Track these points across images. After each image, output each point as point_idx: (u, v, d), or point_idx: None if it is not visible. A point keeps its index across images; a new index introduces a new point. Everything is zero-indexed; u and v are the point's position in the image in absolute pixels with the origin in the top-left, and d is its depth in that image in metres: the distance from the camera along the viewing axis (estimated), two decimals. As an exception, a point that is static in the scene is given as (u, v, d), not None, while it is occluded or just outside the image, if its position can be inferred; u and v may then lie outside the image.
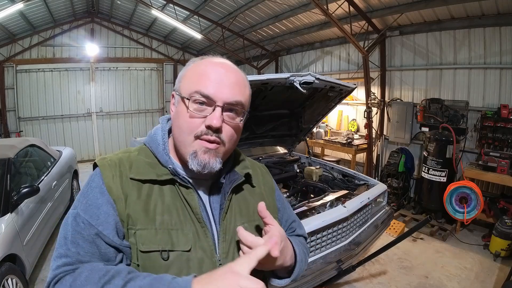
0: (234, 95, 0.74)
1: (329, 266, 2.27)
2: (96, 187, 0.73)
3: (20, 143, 3.63)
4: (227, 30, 7.23)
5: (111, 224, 0.69)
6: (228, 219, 0.79)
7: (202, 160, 0.72)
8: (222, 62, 0.78)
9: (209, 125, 0.71)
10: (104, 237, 0.68)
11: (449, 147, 4.11)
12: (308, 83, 2.53)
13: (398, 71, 5.42)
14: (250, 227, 0.81)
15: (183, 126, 0.74)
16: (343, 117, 6.71)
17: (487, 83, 4.31)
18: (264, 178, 0.94)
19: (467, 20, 4.35)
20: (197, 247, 0.73)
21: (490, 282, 3.10)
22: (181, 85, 0.76)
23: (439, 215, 4.25)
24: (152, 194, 0.74)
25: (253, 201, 0.85)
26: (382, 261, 3.46)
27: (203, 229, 0.75)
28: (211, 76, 0.73)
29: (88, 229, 0.68)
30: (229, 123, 0.74)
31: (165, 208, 0.73)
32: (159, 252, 0.70)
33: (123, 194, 0.72)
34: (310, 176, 3.33)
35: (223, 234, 0.77)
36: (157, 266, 0.69)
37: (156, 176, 0.75)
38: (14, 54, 7.83)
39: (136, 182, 0.74)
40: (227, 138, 0.74)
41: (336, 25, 4.51)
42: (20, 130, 8.12)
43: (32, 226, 2.88)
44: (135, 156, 0.79)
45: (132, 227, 0.71)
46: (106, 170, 0.74)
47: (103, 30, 9.20)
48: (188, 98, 0.72)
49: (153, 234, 0.71)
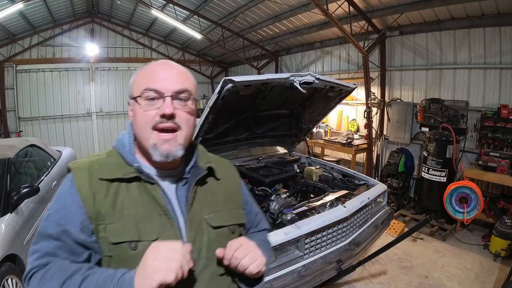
0: (179, 83, 0.82)
1: (329, 266, 2.27)
2: (66, 190, 0.81)
3: (20, 143, 3.63)
4: (227, 30, 7.23)
5: (77, 223, 0.77)
6: (194, 210, 0.86)
7: (164, 150, 0.80)
8: (164, 61, 0.87)
9: (163, 113, 0.79)
10: (70, 235, 0.76)
11: (449, 147, 4.11)
12: (308, 83, 2.53)
13: (398, 71, 5.42)
14: (216, 217, 0.89)
15: (140, 121, 0.81)
16: (343, 117, 6.71)
17: (487, 83, 4.31)
18: (228, 172, 1.01)
19: (467, 20, 4.35)
20: (164, 237, 0.79)
21: (490, 282, 3.10)
22: (132, 89, 0.85)
23: (439, 215, 4.25)
24: (120, 191, 0.81)
25: (218, 193, 0.93)
26: (382, 261, 3.46)
27: (170, 220, 0.81)
28: (156, 73, 0.82)
29: (57, 227, 0.76)
30: (182, 108, 0.82)
31: (132, 203, 0.80)
32: (128, 243, 0.76)
33: (91, 193, 0.79)
34: (310, 176, 3.33)
35: (189, 224, 0.84)
36: (127, 256, 0.76)
37: (122, 174, 0.82)
38: (14, 54, 7.84)
39: (105, 182, 0.81)
40: (183, 122, 0.82)
41: (336, 25, 4.51)
42: (20, 130, 8.12)
43: (32, 226, 2.88)
44: (104, 159, 0.87)
45: (102, 222, 0.78)
46: (77, 173, 0.82)
47: (103, 30, 9.20)
48: (140, 96, 0.81)
49: (122, 227, 0.77)
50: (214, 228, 0.87)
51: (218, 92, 2.25)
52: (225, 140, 3.13)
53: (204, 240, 0.85)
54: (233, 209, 0.95)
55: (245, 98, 2.56)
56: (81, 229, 0.77)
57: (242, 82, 2.21)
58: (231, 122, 2.89)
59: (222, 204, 0.92)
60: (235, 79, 2.17)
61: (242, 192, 1.03)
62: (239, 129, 3.11)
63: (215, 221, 0.88)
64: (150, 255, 0.68)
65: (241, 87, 2.27)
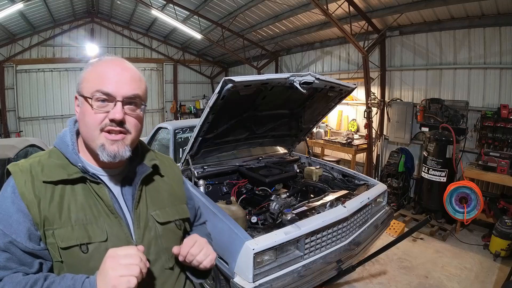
0: (132, 89, 0.81)
1: (329, 266, 2.27)
2: (8, 197, 0.76)
3: (20, 143, 3.62)
4: (227, 30, 7.23)
5: (23, 231, 0.74)
6: (140, 207, 0.87)
7: (112, 151, 0.79)
8: (118, 61, 0.84)
9: (113, 118, 0.78)
10: (18, 244, 0.73)
11: (449, 147, 4.11)
12: (308, 83, 2.53)
13: (398, 71, 5.42)
14: (162, 214, 0.91)
15: (88, 123, 0.79)
16: (343, 117, 6.71)
17: (487, 83, 4.31)
18: (172, 169, 1.03)
19: (467, 20, 4.35)
20: (113, 236, 0.80)
21: (490, 282, 3.10)
22: (83, 86, 0.81)
23: (439, 215, 4.25)
24: (65, 195, 0.78)
25: (162, 190, 0.95)
26: (382, 261, 3.46)
27: (117, 219, 0.81)
28: (109, 75, 0.80)
29: (2, 238, 0.73)
30: (131, 114, 0.82)
31: (78, 206, 0.78)
32: (78, 246, 0.76)
33: (35, 198, 0.75)
34: (310, 176, 3.33)
35: (137, 221, 0.85)
36: (79, 260, 0.76)
37: (67, 175, 0.79)
38: (14, 54, 7.84)
39: (49, 185, 0.77)
40: (132, 127, 0.82)
41: (336, 25, 4.51)
42: (20, 130, 8.12)
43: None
44: (46, 159, 0.82)
45: (49, 228, 0.75)
46: (18, 176, 0.77)
47: (103, 30, 9.21)
48: (91, 97, 0.78)
49: (70, 231, 0.76)
50: (161, 224, 0.90)
51: (218, 92, 2.25)
52: (225, 140, 3.12)
53: (152, 236, 0.87)
54: (178, 205, 0.98)
55: (245, 98, 2.56)
56: (28, 237, 0.74)
57: (242, 82, 2.21)
58: (231, 122, 2.89)
59: (167, 201, 0.95)
60: (235, 79, 2.17)
61: (185, 188, 1.06)
62: (239, 129, 3.11)
63: (161, 217, 0.91)
64: (110, 266, 0.68)
65: (241, 87, 2.27)
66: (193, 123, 3.24)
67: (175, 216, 0.95)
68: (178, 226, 0.96)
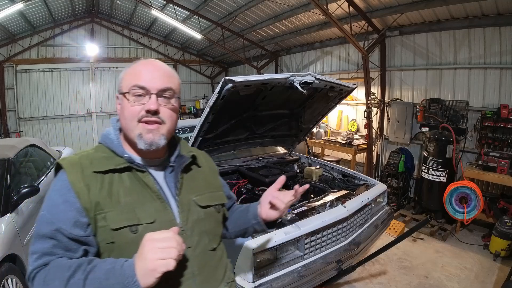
0: (164, 83, 0.89)
1: (329, 266, 2.27)
2: (57, 189, 0.84)
3: (20, 143, 3.62)
4: (227, 30, 7.23)
5: (69, 220, 0.80)
6: (183, 193, 0.95)
7: (148, 139, 0.87)
8: (151, 60, 0.94)
9: (148, 109, 0.86)
10: (64, 231, 0.79)
11: (449, 147, 4.11)
12: (308, 83, 2.53)
13: (398, 71, 5.42)
14: (202, 199, 1.00)
15: (127, 115, 0.88)
16: (343, 117, 6.71)
17: (487, 83, 4.31)
18: (207, 161, 1.14)
19: (467, 20, 4.35)
20: (160, 219, 0.87)
21: (490, 282, 3.10)
22: (121, 85, 0.92)
23: (439, 215, 4.25)
24: (114, 182, 0.87)
25: (200, 178, 1.05)
26: (382, 261, 3.46)
27: (163, 204, 0.90)
28: (144, 72, 0.90)
29: (50, 226, 0.79)
30: (165, 105, 0.90)
31: (127, 192, 0.86)
32: (128, 227, 0.83)
33: (85, 187, 0.83)
34: (310, 176, 3.33)
35: (181, 206, 0.93)
36: (129, 240, 0.82)
37: (114, 165, 0.88)
38: (14, 54, 7.84)
39: (98, 174, 0.86)
40: (166, 117, 0.90)
41: (336, 25, 4.51)
42: (20, 130, 8.12)
43: (32, 226, 2.88)
44: (93, 153, 0.92)
45: (101, 211, 0.82)
46: (68, 168, 0.85)
47: (103, 30, 9.21)
48: (128, 92, 0.88)
49: (120, 214, 0.83)
50: (202, 208, 0.99)
51: (218, 92, 2.25)
52: (225, 140, 3.12)
53: (195, 219, 0.95)
54: (215, 192, 1.08)
55: (245, 98, 2.56)
56: (73, 225, 0.80)
57: (242, 82, 2.21)
58: (231, 122, 2.88)
59: (204, 188, 1.04)
60: (235, 79, 2.17)
61: (219, 177, 1.18)
62: (239, 129, 3.11)
63: (202, 202, 0.99)
64: (148, 249, 0.71)
65: (241, 87, 2.27)
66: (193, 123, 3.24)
67: (214, 201, 1.04)
68: (217, 210, 1.05)
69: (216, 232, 1.05)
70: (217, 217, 1.05)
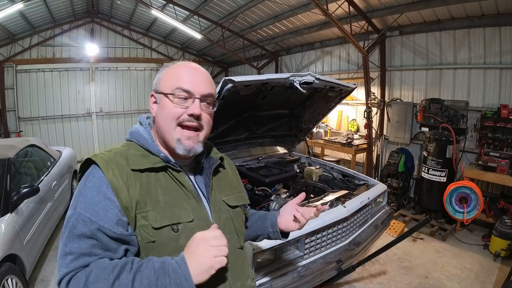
0: (207, 88, 0.91)
1: (329, 266, 2.27)
2: (93, 186, 0.80)
3: (20, 143, 3.62)
4: (227, 30, 7.23)
5: (111, 218, 0.77)
6: (213, 194, 0.98)
7: (187, 145, 0.89)
8: (192, 64, 0.95)
9: (192, 113, 0.87)
10: (106, 231, 0.76)
11: (449, 147, 4.11)
12: (308, 83, 2.53)
13: (398, 71, 5.42)
14: (230, 199, 1.03)
15: (168, 116, 0.88)
16: (343, 117, 6.71)
17: (487, 83, 4.31)
18: (228, 162, 1.16)
19: (467, 20, 4.35)
20: (197, 218, 0.89)
21: (490, 282, 3.10)
22: (161, 85, 0.91)
23: (439, 215, 4.25)
24: (151, 180, 0.86)
25: (225, 180, 1.08)
26: (382, 261, 3.46)
27: (198, 203, 0.91)
28: (187, 75, 0.90)
29: (89, 225, 0.75)
30: (205, 111, 0.91)
31: (164, 190, 0.86)
32: (169, 226, 0.83)
33: (124, 185, 0.81)
34: (310, 176, 3.33)
35: (213, 206, 0.95)
36: (170, 238, 0.83)
37: (152, 164, 0.87)
38: (14, 54, 7.83)
39: (136, 172, 0.85)
40: (205, 123, 0.92)
41: (336, 25, 4.51)
42: (20, 130, 8.11)
43: (32, 226, 2.88)
44: (127, 151, 0.90)
45: (142, 210, 0.82)
46: (105, 166, 0.82)
47: (103, 30, 9.20)
48: (172, 94, 0.88)
49: (162, 213, 0.83)
50: (232, 208, 1.02)
51: (218, 92, 2.25)
52: (225, 140, 3.12)
53: (226, 218, 0.98)
54: (239, 193, 1.11)
55: (245, 98, 2.56)
56: (116, 223, 0.77)
57: (242, 82, 2.21)
58: (231, 122, 2.89)
59: (230, 189, 1.07)
60: (235, 79, 2.17)
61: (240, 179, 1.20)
62: (239, 129, 3.11)
63: (231, 202, 1.02)
64: (203, 248, 0.73)
65: (241, 87, 2.27)
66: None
67: (240, 202, 1.07)
68: (243, 210, 1.09)
69: (243, 230, 1.08)
70: (242, 216, 1.09)
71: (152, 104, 0.94)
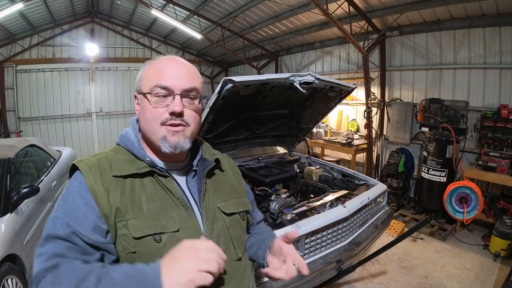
0: (188, 82, 0.84)
1: (329, 266, 2.27)
2: (75, 191, 0.78)
3: (20, 143, 3.62)
4: (227, 30, 7.23)
5: (89, 224, 0.74)
6: (206, 200, 0.89)
7: (173, 142, 0.82)
8: (174, 58, 0.88)
9: (173, 111, 0.81)
10: (81, 236, 0.73)
11: (449, 147, 4.11)
12: (308, 83, 2.53)
13: (398, 71, 5.42)
14: (227, 205, 0.94)
15: (149, 117, 0.83)
16: (343, 117, 6.71)
17: (487, 83, 4.31)
18: (230, 164, 1.07)
19: (467, 20, 4.35)
20: (184, 227, 0.81)
21: (490, 282, 3.10)
22: (141, 84, 0.86)
23: (439, 215, 4.25)
24: (135, 187, 0.81)
25: (224, 183, 0.98)
26: (382, 261, 3.46)
27: (187, 211, 0.84)
28: (166, 70, 0.83)
29: (66, 228, 0.73)
30: (189, 107, 0.84)
31: (149, 198, 0.80)
32: (151, 236, 0.76)
33: (105, 191, 0.77)
34: (310, 176, 3.33)
35: (205, 213, 0.87)
36: (152, 249, 0.76)
37: (136, 170, 0.82)
38: (14, 54, 7.83)
39: (119, 178, 0.80)
40: (190, 120, 0.84)
41: (336, 25, 4.51)
42: (20, 130, 8.11)
43: (32, 226, 2.88)
44: (113, 156, 0.86)
45: (122, 218, 0.76)
46: (86, 171, 0.79)
47: (103, 30, 9.20)
48: (150, 93, 0.82)
49: (143, 221, 0.77)
50: (228, 215, 0.92)
51: (218, 92, 2.25)
52: (225, 140, 3.12)
53: (220, 227, 0.89)
54: (240, 197, 1.01)
55: (245, 98, 2.56)
56: (93, 230, 0.74)
57: (242, 82, 2.21)
58: (231, 122, 2.89)
59: (229, 193, 0.97)
60: (235, 79, 2.17)
61: (243, 182, 1.10)
62: (239, 129, 3.11)
63: (227, 209, 0.93)
64: (187, 257, 0.65)
65: (241, 87, 2.27)
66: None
67: (239, 208, 0.97)
68: (242, 217, 0.98)
69: (242, 239, 0.98)
70: (242, 224, 0.98)
71: (136, 105, 0.89)
